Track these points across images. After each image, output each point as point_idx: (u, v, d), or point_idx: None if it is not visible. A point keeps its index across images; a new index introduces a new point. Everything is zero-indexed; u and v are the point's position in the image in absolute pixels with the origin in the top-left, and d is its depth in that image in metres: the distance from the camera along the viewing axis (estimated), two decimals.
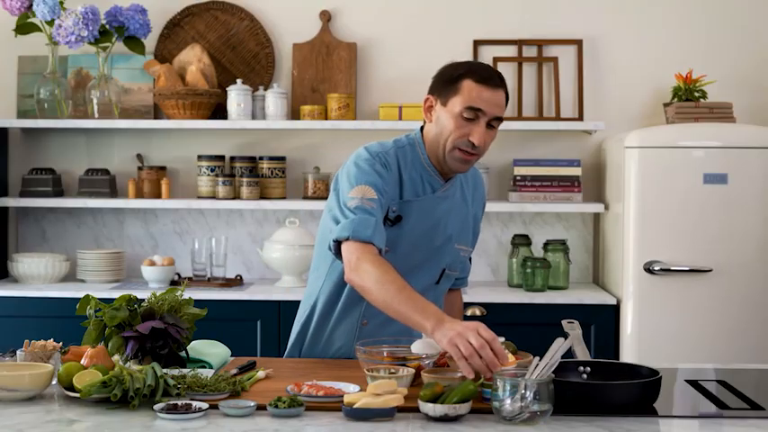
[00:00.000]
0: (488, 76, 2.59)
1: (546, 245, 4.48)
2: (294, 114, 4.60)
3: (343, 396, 2.19)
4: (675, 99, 4.40)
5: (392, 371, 2.32)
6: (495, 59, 4.61)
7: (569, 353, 2.39)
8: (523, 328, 3.93)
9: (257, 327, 4.18)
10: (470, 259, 2.92)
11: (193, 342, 2.68)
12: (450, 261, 2.75)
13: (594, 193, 4.64)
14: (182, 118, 4.50)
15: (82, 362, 2.35)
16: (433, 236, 2.68)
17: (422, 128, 2.72)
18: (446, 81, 2.62)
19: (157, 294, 2.55)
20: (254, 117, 4.56)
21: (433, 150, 2.65)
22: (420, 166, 2.67)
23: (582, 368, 2.34)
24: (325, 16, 4.65)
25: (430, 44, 4.65)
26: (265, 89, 4.63)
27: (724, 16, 4.60)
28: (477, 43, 4.63)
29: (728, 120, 4.28)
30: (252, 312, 4.19)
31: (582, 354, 2.45)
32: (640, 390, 2.20)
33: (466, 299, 4.16)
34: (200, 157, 4.57)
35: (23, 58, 4.71)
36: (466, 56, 4.63)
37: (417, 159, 2.67)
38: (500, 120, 2.60)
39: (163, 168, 4.64)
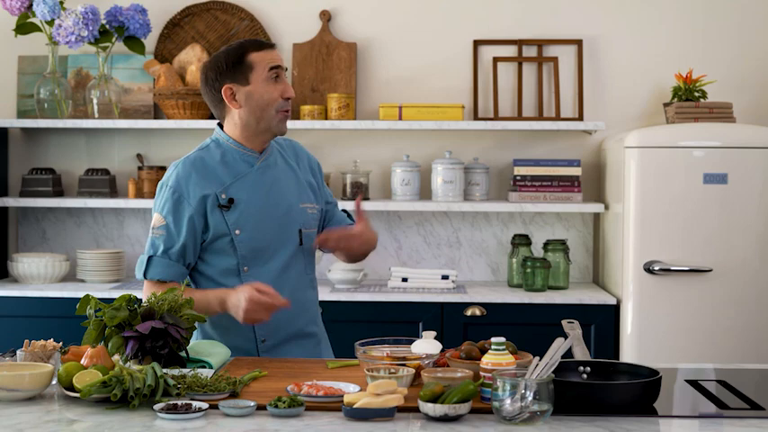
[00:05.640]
0: (263, 42, 2.85)
1: (546, 245, 4.48)
2: (294, 114, 4.58)
3: (343, 396, 2.19)
4: (675, 99, 4.40)
5: (392, 371, 2.32)
6: (495, 59, 4.61)
7: (569, 353, 2.39)
8: (523, 328, 3.94)
9: None
10: (346, 212, 3.09)
11: (193, 342, 2.68)
12: (303, 221, 2.90)
13: (594, 193, 4.64)
14: (182, 118, 4.50)
15: (82, 362, 2.35)
16: (274, 202, 2.85)
17: (220, 125, 2.89)
18: (233, 67, 2.79)
19: (157, 294, 2.55)
20: None
21: (250, 130, 2.83)
22: (230, 152, 2.85)
23: (582, 368, 2.35)
24: (325, 16, 4.65)
25: (430, 44, 4.65)
26: None
27: (724, 16, 4.60)
28: (476, 43, 4.63)
29: (728, 120, 4.28)
30: None
31: (582, 354, 2.45)
32: (640, 390, 2.20)
33: (467, 299, 4.18)
34: None
35: (23, 58, 4.71)
36: (466, 56, 4.64)
37: (226, 148, 2.85)
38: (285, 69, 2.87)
39: (163, 168, 4.63)
